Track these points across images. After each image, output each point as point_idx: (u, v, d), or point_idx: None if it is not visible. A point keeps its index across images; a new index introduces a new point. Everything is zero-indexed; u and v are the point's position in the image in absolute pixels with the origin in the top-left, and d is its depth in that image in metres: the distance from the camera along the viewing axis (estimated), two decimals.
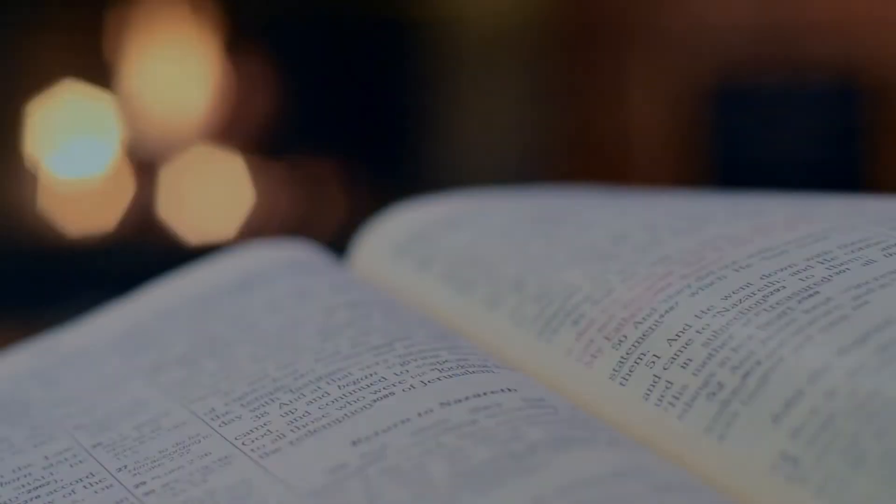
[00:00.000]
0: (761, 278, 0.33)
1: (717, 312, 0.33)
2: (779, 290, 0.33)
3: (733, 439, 0.30)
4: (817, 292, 0.32)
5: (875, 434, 0.28)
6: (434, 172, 1.68)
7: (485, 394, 0.32)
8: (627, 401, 0.33)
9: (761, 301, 0.32)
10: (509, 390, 0.33)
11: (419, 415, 0.31)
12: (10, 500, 0.33)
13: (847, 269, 0.33)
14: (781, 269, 0.34)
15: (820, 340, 0.30)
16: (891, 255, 0.33)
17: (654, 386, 0.32)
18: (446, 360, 0.34)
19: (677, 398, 0.31)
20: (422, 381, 0.33)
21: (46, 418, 0.37)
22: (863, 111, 1.61)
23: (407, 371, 0.34)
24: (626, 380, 0.33)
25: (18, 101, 1.64)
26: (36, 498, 0.33)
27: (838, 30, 1.60)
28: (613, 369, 0.33)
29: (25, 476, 0.34)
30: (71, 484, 0.33)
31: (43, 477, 0.34)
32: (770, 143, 1.62)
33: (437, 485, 0.29)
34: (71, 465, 0.34)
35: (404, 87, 1.73)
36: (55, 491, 0.33)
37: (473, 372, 0.34)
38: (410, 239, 0.43)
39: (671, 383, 0.32)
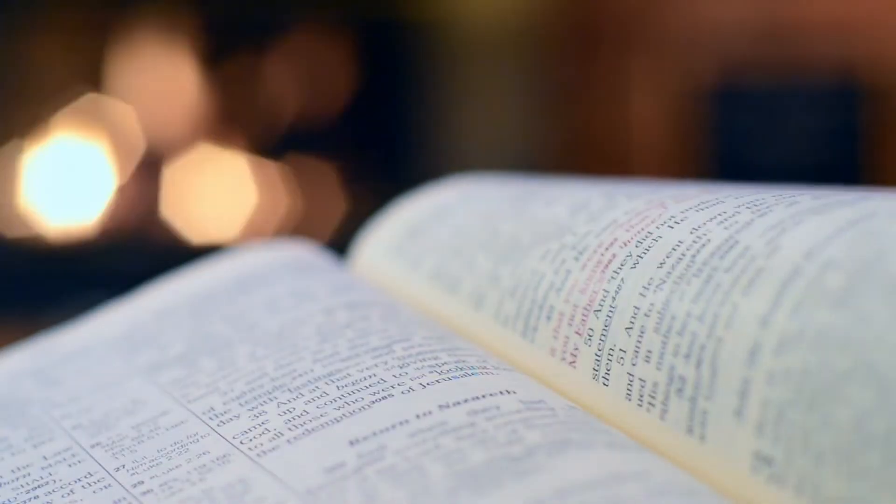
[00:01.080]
0: (691, 232, 0.33)
1: (656, 286, 0.32)
2: (704, 244, 0.32)
3: (712, 440, 0.29)
4: (737, 241, 0.31)
5: (821, 425, 0.27)
6: (435, 173, 1.68)
7: (483, 396, 0.32)
8: (613, 402, 0.32)
9: (690, 263, 0.32)
10: (508, 392, 0.33)
11: (417, 416, 0.32)
12: (9, 500, 0.33)
13: (770, 210, 0.32)
14: (711, 220, 0.33)
15: (744, 308, 0.30)
16: (817, 198, 0.32)
17: (631, 385, 0.32)
18: (445, 363, 0.34)
19: (654, 397, 0.31)
20: (421, 384, 0.33)
21: (45, 418, 0.37)
22: (863, 111, 1.61)
23: (406, 373, 0.34)
24: (607, 379, 0.33)
25: (16, 100, 1.64)
26: (35, 498, 0.33)
27: (838, 30, 1.60)
28: (593, 369, 0.33)
29: (24, 476, 0.34)
30: (69, 484, 0.33)
31: (42, 477, 0.34)
32: (770, 143, 1.62)
33: (435, 486, 0.29)
34: (69, 465, 0.34)
35: (405, 88, 1.73)
36: (54, 491, 0.33)
37: (472, 374, 0.34)
38: (404, 237, 0.43)
39: (644, 381, 0.32)
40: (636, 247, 0.34)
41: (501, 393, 0.32)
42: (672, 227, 0.34)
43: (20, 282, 1.60)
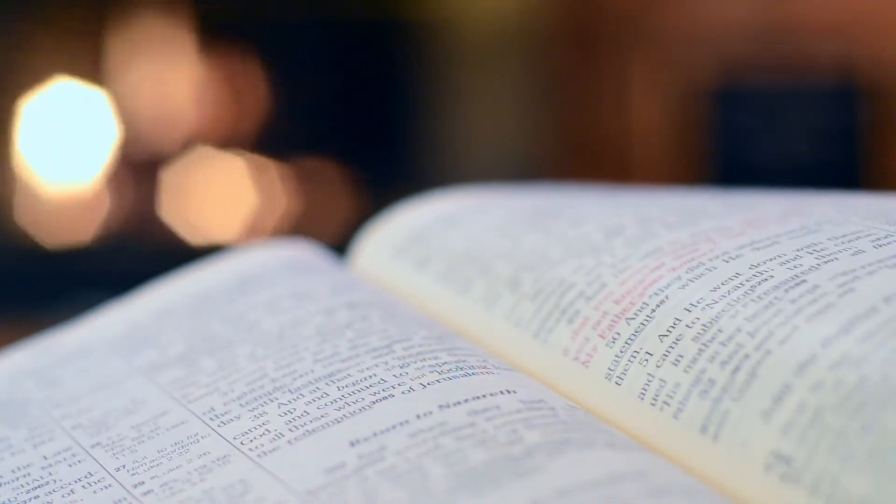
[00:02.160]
0: (750, 268, 0.34)
1: (707, 305, 0.33)
2: (767, 279, 0.33)
3: (727, 439, 0.30)
4: (804, 280, 0.32)
5: (861, 429, 0.28)
6: (435, 173, 1.68)
7: (483, 396, 0.32)
8: (624, 401, 0.33)
9: (749, 291, 0.33)
10: (508, 392, 0.33)
11: (418, 417, 0.32)
12: (9, 499, 0.33)
13: (836, 258, 0.33)
14: (771, 259, 0.34)
15: (805, 330, 0.30)
16: (880, 245, 0.33)
17: (648, 385, 0.32)
18: (445, 362, 0.34)
19: (671, 397, 0.32)
20: (421, 384, 0.33)
21: (45, 418, 0.37)
22: (863, 111, 1.61)
23: (406, 373, 0.34)
24: (622, 379, 0.33)
25: (17, 99, 1.64)
26: (35, 498, 0.33)
27: (838, 30, 1.60)
28: (609, 369, 0.34)
29: (24, 476, 0.34)
30: (70, 484, 0.33)
31: (42, 477, 0.34)
32: (770, 143, 1.62)
33: (435, 486, 0.29)
34: (70, 465, 0.34)
35: (405, 88, 1.73)
36: (54, 491, 0.33)
37: (472, 374, 0.34)
38: (409, 239, 0.44)
39: (664, 381, 0.32)
40: (686, 273, 0.35)
41: (502, 393, 0.32)
42: (727, 262, 0.34)
43: (20, 282, 1.60)
